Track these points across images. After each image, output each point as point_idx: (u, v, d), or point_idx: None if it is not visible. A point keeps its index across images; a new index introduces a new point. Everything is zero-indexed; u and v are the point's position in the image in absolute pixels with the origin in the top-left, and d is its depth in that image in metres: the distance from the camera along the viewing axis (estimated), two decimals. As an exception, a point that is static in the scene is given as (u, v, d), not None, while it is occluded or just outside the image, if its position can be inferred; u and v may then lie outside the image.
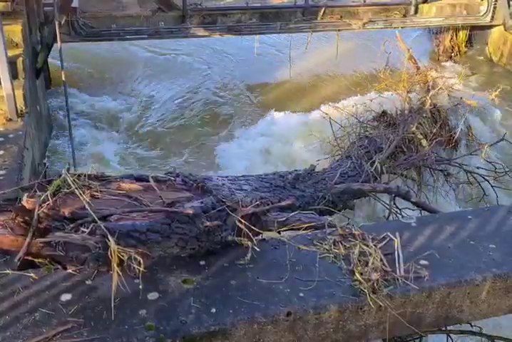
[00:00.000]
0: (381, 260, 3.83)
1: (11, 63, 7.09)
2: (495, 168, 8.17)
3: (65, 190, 3.47)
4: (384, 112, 8.47)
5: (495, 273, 3.96)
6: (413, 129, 8.00)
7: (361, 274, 3.72)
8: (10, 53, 7.08)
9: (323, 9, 11.45)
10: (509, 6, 12.33)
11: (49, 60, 10.00)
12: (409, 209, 6.69)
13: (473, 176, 8.12)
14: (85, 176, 3.61)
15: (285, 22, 11.34)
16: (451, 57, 13.41)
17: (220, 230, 3.82)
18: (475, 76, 12.40)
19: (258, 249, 3.83)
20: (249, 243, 3.84)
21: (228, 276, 3.74)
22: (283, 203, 4.54)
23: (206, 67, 12.81)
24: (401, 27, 11.94)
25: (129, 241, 3.29)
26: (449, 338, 5.21)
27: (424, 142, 7.96)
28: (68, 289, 3.55)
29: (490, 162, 8.24)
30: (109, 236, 3.16)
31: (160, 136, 10.41)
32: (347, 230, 4.14)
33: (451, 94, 9.17)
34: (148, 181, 3.80)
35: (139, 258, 3.20)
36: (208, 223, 3.67)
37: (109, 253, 3.15)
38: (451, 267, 3.97)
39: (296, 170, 6.03)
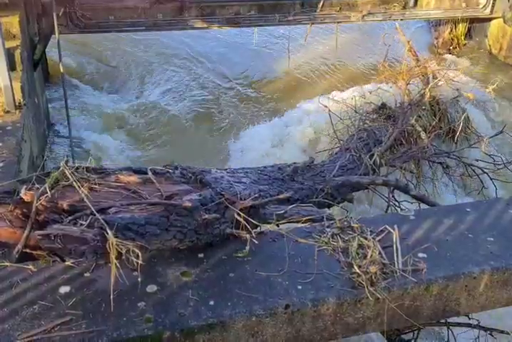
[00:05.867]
0: (379, 253, 3.84)
1: (9, 55, 7.05)
2: (494, 161, 8.16)
3: (64, 183, 3.47)
4: (383, 105, 8.45)
5: (493, 266, 3.96)
6: (413, 121, 7.97)
7: (360, 267, 3.72)
8: (7, 45, 7.04)
9: (322, 1, 11.39)
10: (509, -2, 12.28)
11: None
12: (408, 201, 6.69)
13: (472, 169, 8.11)
14: (83, 168, 3.61)
15: (284, 14, 11.27)
16: (450, 49, 13.38)
17: (219, 223, 3.83)
18: (475, 69, 12.37)
19: (257, 242, 3.84)
20: (248, 236, 3.84)
21: (227, 269, 3.74)
22: (281, 196, 4.54)
23: (205, 60, 12.78)
24: (401, 19, 11.88)
25: (127, 233, 3.29)
26: (447, 331, 5.24)
27: (423, 135, 7.94)
28: (67, 282, 3.55)
29: (489, 155, 8.23)
30: (107, 229, 3.16)
31: (160, 129, 10.39)
32: (346, 223, 4.15)
33: (450, 86, 9.14)
34: (147, 173, 3.80)
35: (137, 251, 3.20)
36: (206, 216, 3.67)
37: (107, 245, 3.16)
38: (449, 260, 3.97)
39: (295, 163, 6.01)
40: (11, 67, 7.12)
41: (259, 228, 4.16)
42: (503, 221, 4.45)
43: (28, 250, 3.38)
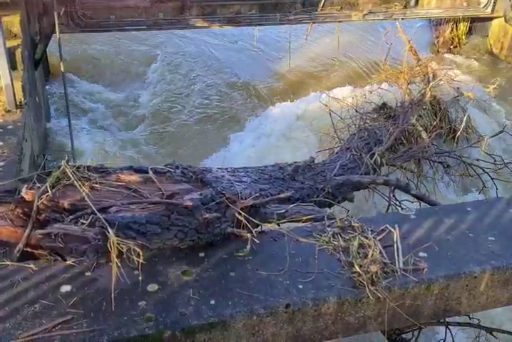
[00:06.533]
0: (380, 252, 3.83)
1: (10, 54, 7.06)
2: (495, 160, 8.15)
3: (65, 182, 3.47)
4: (384, 104, 8.44)
5: (494, 265, 3.96)
6: (413, 121, 7.97)
7: (360, 266, 3.72)
8: (8, 44, 7.06)
9: (323, 0, 11.40)
10: (510, -2, 12.27)
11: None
12: (409, 201, 6.69)
13: (472, 168, 8.10)
14: (84, 168, 3.61)
15: (285, 13, 11.28)
16: (450, 49, 13.37)
17: (219, 222, 3.83)
18: (475, 68, 12.36)
19: (257, 241, 3.84)
20: (249, 235, 3.84)
21: (227, 268, 3.74)
22: (282, 195, 4.54)
23: (206, 58, 12.78)
24: (402, 18, 11.88)
25: (128, 232, 3.29)
26: (448, 330, 5.24)
27: (424, 134, 7.94)
28: (68, 281, 3.55)
29: (489, 154, 8.22)
30: (108, 228, 3.16)
31: (161, 128, 10.40)
32: (346, 222, 4.14)
33: (450, 86, 9.14)
34: (147, 172, 3.79)
35: (138, 250, 3.20)
36: (207, 215, 3.67)
37: (108, 244, 3.16)
38: (450, 259, 3.97)
39: (295, 162, 6.00)
40: (12, 66, 7.13)
41: (259, 227, 4.16)
42: (504, 220, 4.45)
43: (29, 249, 3.38)
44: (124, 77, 11.92)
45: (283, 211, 4.39)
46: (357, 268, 3.72)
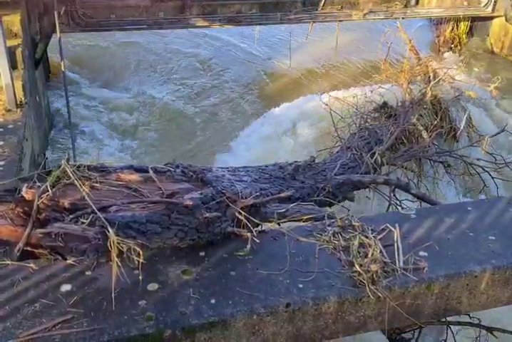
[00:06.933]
0: (380, 251, 3.83)
1: (10, 54, 7.07)
2: (496, 160, 8.15)
3: (65, 181, 3.47)
4: (385, 104, 8.44)
5: (494, 264, 3.96)
6: (414, 120, 7.97)
7: (361, 266, 3.72)
8: (9, 44, 7.06)
9: (323, 0, 11.40)
10: (510, -3, 12.27)
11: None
12: (409, 200, 6.70)
13: (473, 167, 8.11)
14: (84, 167, 3.61)
15: (285, 13, 11.28)
16: (451, 48, 13.37)
17: (220, 221, 3.82)
18: (476, 67, 12.36)
19: (258, 241, 3.83)
20: (249, 234, 3.83)
21: (227, 268, 3.74)
22: (282, 194, 4.54)
23: (207, 58, 12.79)
24: (402, 18, 11.89)
25: (128, 232, 3.29)
26: (448, 330, 5.24)
27: (425, 134, 7.94)
28: (68, 280, 3.55)
29: (490, 154, 8.22)
30: (108, 227, 3.16)
31: (162, 128, 10.40)
32: (347, 222, 4.14)
33: (451, 85, 9.14)
34: (148, 172, 3.79)
35: (138, 249, 3.20)
36: (207, 214, 3.66)
37: (108, 244, 3.16)
38: (451, 259, 3.97)
39: (296, 161, 6.01)
40: (13, 65, 7.14)
41: (260, 226, 4.16)
42: (505, 219, 4.45)
43: (29, 248, 3.38)
44: (124, 75, 11.92)
45: (283, 210, 4.39)
46: (357, 267, 3.71)
